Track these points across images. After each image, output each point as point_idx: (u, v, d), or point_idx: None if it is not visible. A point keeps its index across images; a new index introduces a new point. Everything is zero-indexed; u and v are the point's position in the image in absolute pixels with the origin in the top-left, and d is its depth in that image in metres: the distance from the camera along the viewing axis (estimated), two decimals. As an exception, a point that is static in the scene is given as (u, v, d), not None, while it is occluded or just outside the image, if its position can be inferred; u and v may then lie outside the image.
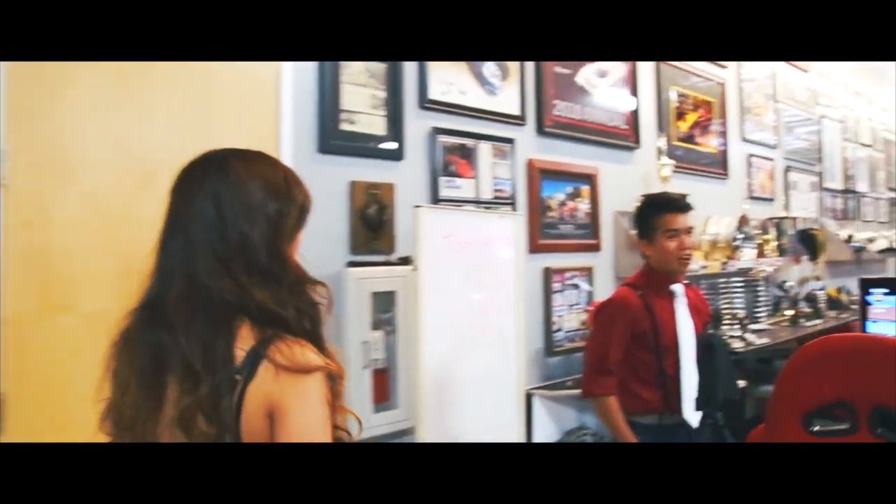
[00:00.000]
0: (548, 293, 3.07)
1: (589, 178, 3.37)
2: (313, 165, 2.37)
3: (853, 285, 5.64)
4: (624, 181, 3.56)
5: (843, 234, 5.55)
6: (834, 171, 5.92)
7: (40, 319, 1.69)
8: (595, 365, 2.19)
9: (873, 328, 2.18)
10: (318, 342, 0.96)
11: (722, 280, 3.99)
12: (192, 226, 0.94)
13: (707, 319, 2.34)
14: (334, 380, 0.95)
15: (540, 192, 3.09)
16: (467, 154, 2.79)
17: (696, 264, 3.60)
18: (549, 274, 3.10)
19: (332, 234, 2.41)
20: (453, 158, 2.74)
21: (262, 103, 2.25)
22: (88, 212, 1.80)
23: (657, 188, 3.60)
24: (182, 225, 0.95)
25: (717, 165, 4.36)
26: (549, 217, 3.15)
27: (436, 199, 2.64)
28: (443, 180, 2.70)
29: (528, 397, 2.74)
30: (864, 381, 0.97)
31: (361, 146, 2.46)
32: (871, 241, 5.75)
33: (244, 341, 0.91)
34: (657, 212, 2.21)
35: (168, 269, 0.94)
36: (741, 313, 3.35)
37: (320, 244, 2.36)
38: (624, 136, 3.59)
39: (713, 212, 4.13)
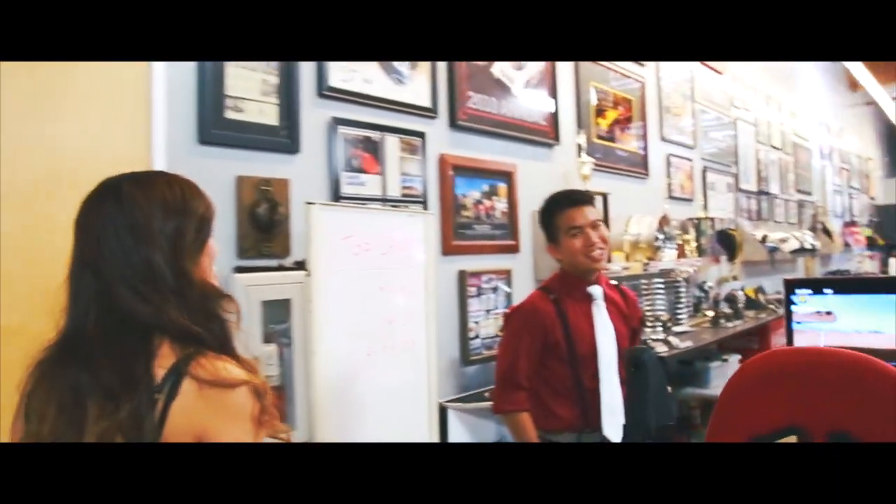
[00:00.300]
0: (463, 298, 2.88)
1: (506, 176, 3.20)
2: (193, 159, 2.08)
3: (769, 285, 5.76)
4: (543, 179, 3.41)
5: (758, 234, 5.64)
6: (748, 172, 6.02)
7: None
8: (504, 378, 1.99)
9: (799, 331, 2.08)
10: (234, 357, 0.97)
11: (644, 281, 3.91)
12: (98, 258, 0.96)
13: (638, 325, 2.15)
14: (260, 394, 0.95)
15: (453, 190, 2.90)
16: (373, 148, 2.55)
17: (618, 265, 3.49)
18: (464, 277, 2.90)
19: (216, 236, 2.12)
20: (357, 152, 2.50)
21: (131, 89, 1.95)
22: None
23: (577, 186, 3.48)
24: (89, 257, 0.97)
25: (638, 165, 4.30)
26: (463, 217, 2.95)
27: (337, 197, 2.40)
28: (345, 176, 2.46)
29: (443, 410, 2.53)
30: (818, 404, 0.81)
31: (250, 137, 2.19)
32: (783, 241, 5.88)
33: (165, 360, 0.92)
34: (557, 209, 2.06)
35: (82, 302, 0.95)
36: (664, 315, 3.26)
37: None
38: (543, 133, 3.45)
39: (635, 211, 4.06)
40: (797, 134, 7.39)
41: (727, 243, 4.92)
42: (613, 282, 2.19)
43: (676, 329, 3.73)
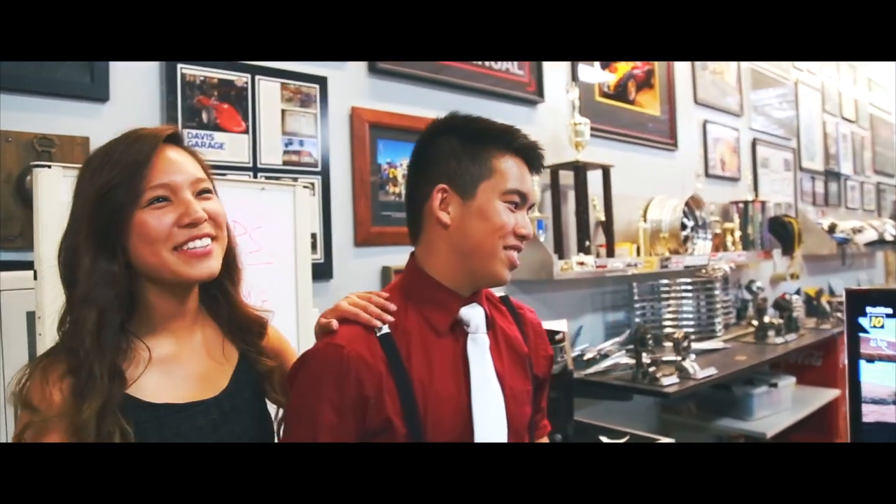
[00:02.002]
0: (390, 306, 2.09)
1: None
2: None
3: (839, 284, 4.72)
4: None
5: (825, 222, 4.61)
6: (813, 148, 4.98)
7: None
8: None
9: (871, 370, 1.21)
10: None
11: (664, 282, 3.03)
12: None
13: (545, 373, 1.16)
14: None
15: (372, 158, 2.12)
16: (234, 96, 1.80)
17: (621, 261, 2.64)
18: (389, 276, 2.12)
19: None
20: (207, 101, 1.76)
21: None
22: None
23: (568, 157, 2.64)
24: None
25: (661, 133, 3.39)
26: (390, 194, 2.17)
27: (172, 163, 1.66)
28: (188, 135, 1.72)
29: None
30: None
31: (18, 75, 1.48)
32: (857, 231, 4.80)
33: None
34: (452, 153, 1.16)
35: None
36: (678, 333, 2.39)
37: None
38: (520, 85, 2.62)
39: (657, 191, 3.18)
40: (876, 105, 6.22)
41: (782, 233, 3.95)
42: (504, 294, 1.18)
43: (701, 346, 2.83)
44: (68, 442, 0.83)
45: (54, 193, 1.23)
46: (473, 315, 1.01)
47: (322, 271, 1.95)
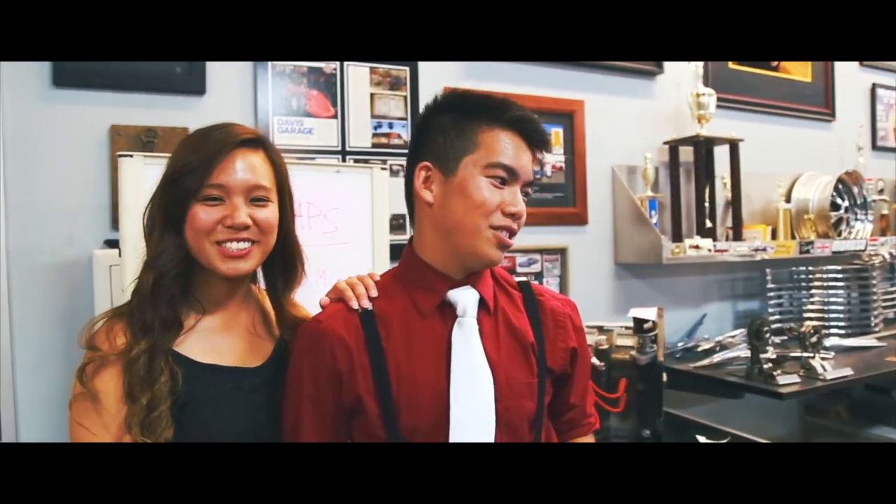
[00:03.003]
0: (482, 288, 2.07)
1: (564, 116, 2.29)
2: (44, 106, 1.61)
3: None
4: (633, 120, 2.43)
5: None
6: None
7: None
8: None
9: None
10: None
11: (806, 268, 2.70)
12: None
13: (563, 365, 1.03)
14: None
15: (466, 139, 2.09)
16: (323, 83, 1.87)
17: (746, 245, 2.38)
18: (482, 260, 2.10)
19: (83, 201, 1.64)
20: (297, 89, 1.84)
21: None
22: None
23: (689, 131, 2.43)
24: None
25: (813, 100, 3.00)
26: (483, 176, 2.14)
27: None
28: (279, 122, 1.81)
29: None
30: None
31: (126, 71, 1.65)
32: None
33: None
34: (465, 119, 0.99)
35: None
36: (806, 326, 2.09)
37: (69, 216, 1.61)
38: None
39: (805, 167, 2.83)
40: None
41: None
42: (523, 279, 1.12)
43: (849, 342, 2.48)
44: (115, 376, 0.93)
45: (137, 180, 1.36)
46: (462, 298, 0.96)
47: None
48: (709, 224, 2.42)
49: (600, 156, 2.36)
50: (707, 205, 2.44)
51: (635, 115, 2.43)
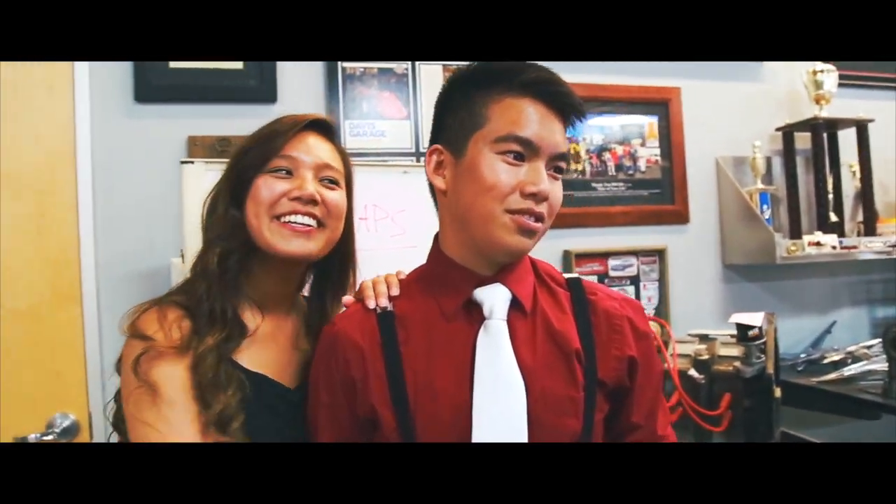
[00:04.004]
0: (569, 293, 1.93)
1: (658, 106, 2.11)
2: (128, 120, 1.68)
3: None
4: (737, 107, 2.20)
5: None
6: None
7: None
8: None
9: None
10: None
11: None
12: None
13: (617, 377, 0.87)
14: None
15: (548, 135, 1.97)
16: (394, 84, 1.82)
17: (883, 241, 2.07)
18: (570, 260, 1.96)
19: (163, 210, 1.68)
20: (368, 92, 1.81)
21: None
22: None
23: (805, 114, 2.16)
24: None
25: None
26: (568, 172, 2.00)
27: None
28: (350, 126, 1.79)
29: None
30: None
31: (203, 86, 1.69)
32: None
33: None
34: (477, 91, 0.88)
35: None
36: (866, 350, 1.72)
37: (151, 226, 1.67)
38: (738, 37, 2.21)
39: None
40: None
41: None
42: (573, 275, 0.94)
43: None
44: (178, 370, 0.84)
45: (198, 186, 1.37)
46: (489, 297, 0.84)
47: (492, 256, 1.87)
48: (834, 218, 2.13)
49: (701, 147, 2.15)
50: (831, 196, 2.15)
51: (741, 100, 2.19)
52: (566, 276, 0.94)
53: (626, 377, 0.88)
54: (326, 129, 1.00)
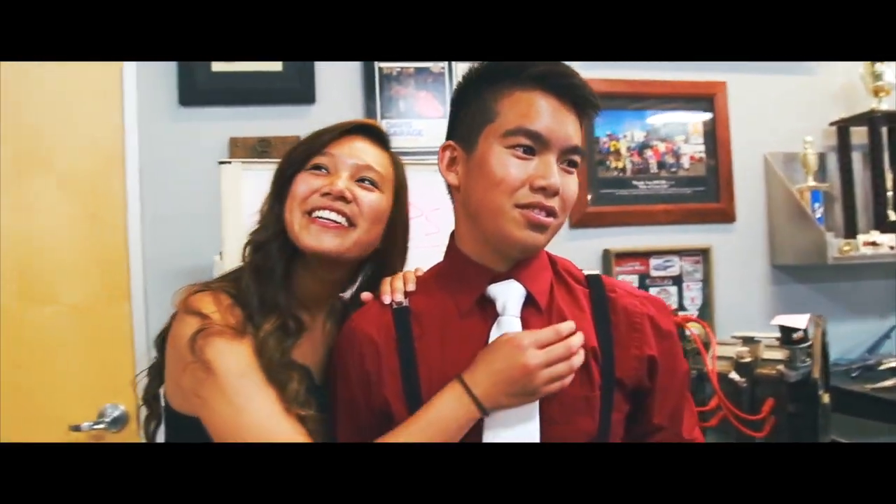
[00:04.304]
0: (609, 293, 1.90)
1: (703, 101, 2.05)
2: (173, 123, 1.74)
3: None
4: (787, 101, 2.11)
5: None
6: None
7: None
8: None
9: None
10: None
11: None
12: None
13: (636, 377, 0.85)
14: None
15: (589, 131, 1.94)
16: (431, 83, 1.83)
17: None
18: (609, 260, 1.93)
19: (206, 210, 1.73)
20: (405, 91, 1.82)
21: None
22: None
23: (863, 107, 2.06)
24: None
25: None
26: (609, 170, 1.97)
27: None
28: (387, 125, 1.80)
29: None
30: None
31: (244, 89, 1.74)
32: None
33: None
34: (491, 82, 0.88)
35: None
36: None
37: (194, 225, 1.72)
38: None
39: None
40: None
41: None
42: (594, 272, 0.93)
43: None
44: (242, 348, 0.84)
45: (236, 186, 1.41)
46: (503, 293, 0.84)
47: (529, 255, 1.86)
48: (893, 217, 2.03)
49: (749, 143, 2.07)
50: (890, 194, 2.05)
51: (791, 94, 2.11)
52: (586, 272, 0.92)
53: (646, 377, 0.86)
54: (375, 134, 0.99)
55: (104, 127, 1.70)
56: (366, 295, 0.94)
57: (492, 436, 0.78)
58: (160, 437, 0.99)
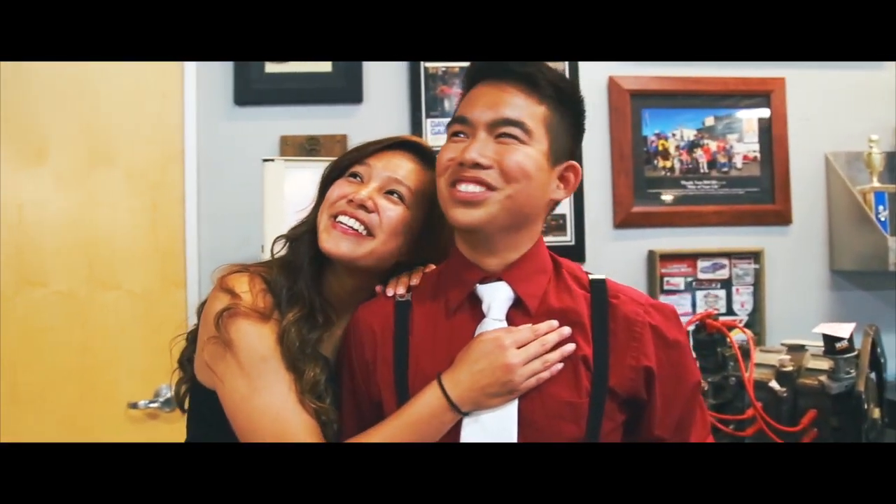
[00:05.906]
0: (653, 296, 1.88)
1: (759, 97, 1.98)
2: (228, 122, 1.83)
3: None
4: (851, 98, 2.01)
5: None
6: None
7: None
8: None
9: None
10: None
11: None
12: None
13: (630, 387, 0.84)
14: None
15: (635, 130, 1.92)
16: (475, 80, 1.85)
17: None
18: (654, 261, 1.90)
19: (257, 206, 1.82)
20: (449, 90, 1.85)
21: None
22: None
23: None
24: None
25: None
26: (657, 169, 1.93)
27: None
28: (431, 124, 1.84)
29: None
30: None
31: (295, 89, 1.81)
32: None
33: None
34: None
35: None
36: None
37: (246, 220, 1.81)
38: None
39: None
40: None
41: None
42: (600, 275, 0.91)
43: None
44: (266, 331, 0.89)
45: (278, 181, 1.47)
46: (488, 294, 0.85)
47: (571, 254, 1.85)
48: (966, 221, 1.91)
49: (808, 142, 1.99)
50: (966, 197, 1.93)
51: (854, 90, 2.00)
52: (591, 276, 0.92)
53: (643, 388, 0.85)
54: (418, 150, 1.01)
55: (165, 125, 1.81)
56: (379, 288, 0.97)
57: (469, 435, 0.81)
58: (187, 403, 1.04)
